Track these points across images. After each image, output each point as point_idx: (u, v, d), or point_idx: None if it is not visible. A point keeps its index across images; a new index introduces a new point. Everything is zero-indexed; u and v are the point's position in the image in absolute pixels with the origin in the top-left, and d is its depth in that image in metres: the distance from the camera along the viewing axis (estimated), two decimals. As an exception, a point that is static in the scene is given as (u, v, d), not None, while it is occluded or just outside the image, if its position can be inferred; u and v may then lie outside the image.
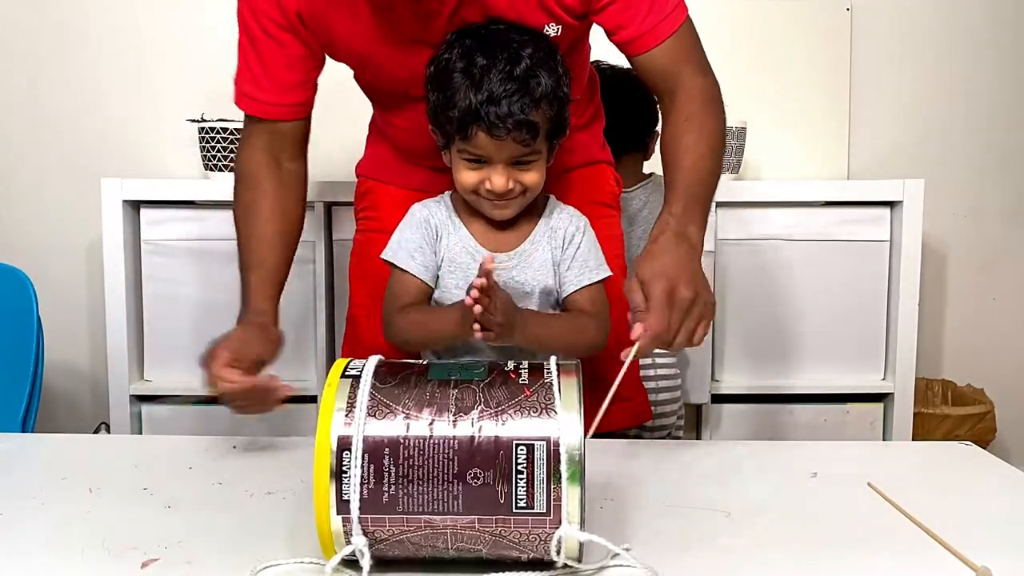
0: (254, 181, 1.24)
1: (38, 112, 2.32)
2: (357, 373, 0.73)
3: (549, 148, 1.16)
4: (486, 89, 1.08)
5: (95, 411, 2.33)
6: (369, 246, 1.34)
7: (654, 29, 1.16)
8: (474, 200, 1.17)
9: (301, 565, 0.73)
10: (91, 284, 2.32)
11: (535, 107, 1.09)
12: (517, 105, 1.07)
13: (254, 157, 1.25)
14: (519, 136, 1.09)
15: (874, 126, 2.38)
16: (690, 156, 1.14)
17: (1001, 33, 2.39)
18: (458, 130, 1.11)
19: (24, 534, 0.82)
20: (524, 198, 1.16)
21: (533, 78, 1.09)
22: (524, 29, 1.14)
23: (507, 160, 1.12)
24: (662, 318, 0.98)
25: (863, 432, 2.10)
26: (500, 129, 1.08)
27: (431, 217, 1.22)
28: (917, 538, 0.81)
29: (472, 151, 1.12)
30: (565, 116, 1.15)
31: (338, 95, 1.31)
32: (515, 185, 1.13)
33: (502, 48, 1.11)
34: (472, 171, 1.13)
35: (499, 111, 1.07)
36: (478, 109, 1.07)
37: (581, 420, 0.69)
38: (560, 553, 0.69)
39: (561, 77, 1.14)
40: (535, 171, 1.14)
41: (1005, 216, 2.44)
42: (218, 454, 1.08)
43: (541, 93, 1.09)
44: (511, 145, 1.10)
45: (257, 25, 1.18)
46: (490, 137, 1.09)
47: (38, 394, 1.56)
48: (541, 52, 1.12)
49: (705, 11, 2.28)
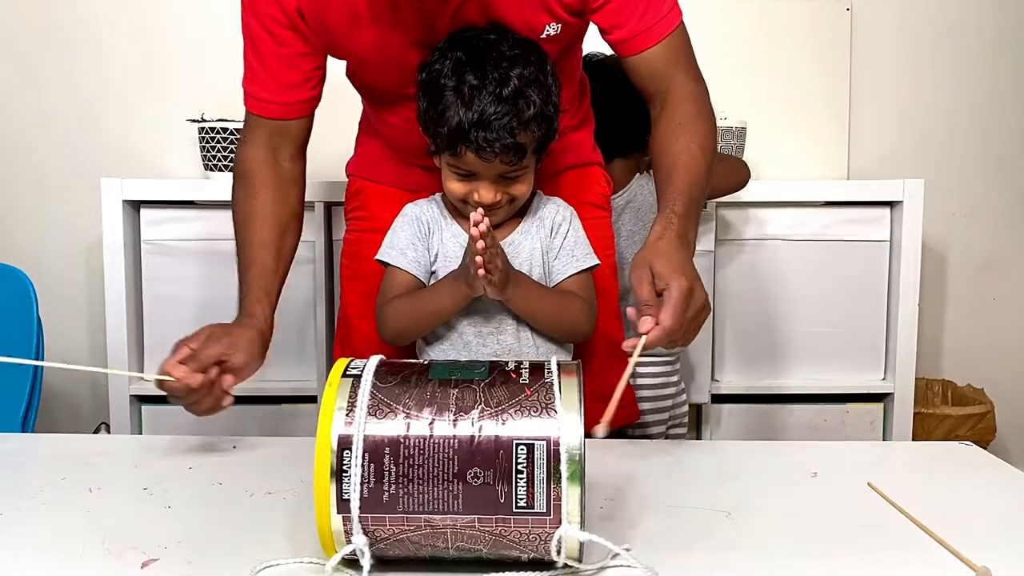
0: (252, 180, 1.24)
1: (38, 112, 2.32)
2: (358, 372, 0.73)
3: (538, 159, 1.19)
4: (475, 111, 1.09)
5: (95, 411, 2.33)
6: (360, 246, 1.34)
7: (649, 31, 1.17)
8: (462, 207, 1.19)
9: (301, 565, 0.73)
10: (91, 284, 2.32)
11: (524, 129, 1.11)
12: (507, 129, 1.09)
13: (253, 155, 1.25)
14: (506, 158, 1.11)
15: (874, 126, 2.38)
16: (685, 156, 1.14)
17: (1001, 33, 2.39)
18: (447, 147, 1.13)
19: (24, 534, 0.82)
20: (511, 207, 1.19)
21: (523, 99, 1.10)
22: (517, 40, 1.15)
23: (495, 176, 1.14)
24: (678, 315, 0.97)
25: (863, 432, 2.10)
26: (488, 152, 1.10)
27: (422, 215, 1.24)
28: (917, 538, 0.81)
29: (461, 167, 1.14)
30: (553, 129, 1.16)
31: (338, 95, 1.31)
32: (502, 196, 1.16)
33: (493, 66, 1.11)
34: (460, 183, 1.16)
35: (488, 135, 1.09)
36: (468, 131, 1.09)
37: (581, 420, 0.69)
38: (560, 553, 0.69)
39: (551, 90, 1.15)
40: (523, 183, 1.17)
41: (1005, 216, 2.44)
42: (218, 454, 1.08)
43: (530, 116, 1.11)
44: (499, 165, 1.12)
45: (258, 24, 1.18)
46: (478, 158, 1.11)
47: (38, 394, 1.55)
48: (531, 67, 1.13)
49: (706, 11, 2.30)
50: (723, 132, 2.00)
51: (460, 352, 1.21)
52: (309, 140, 1.29)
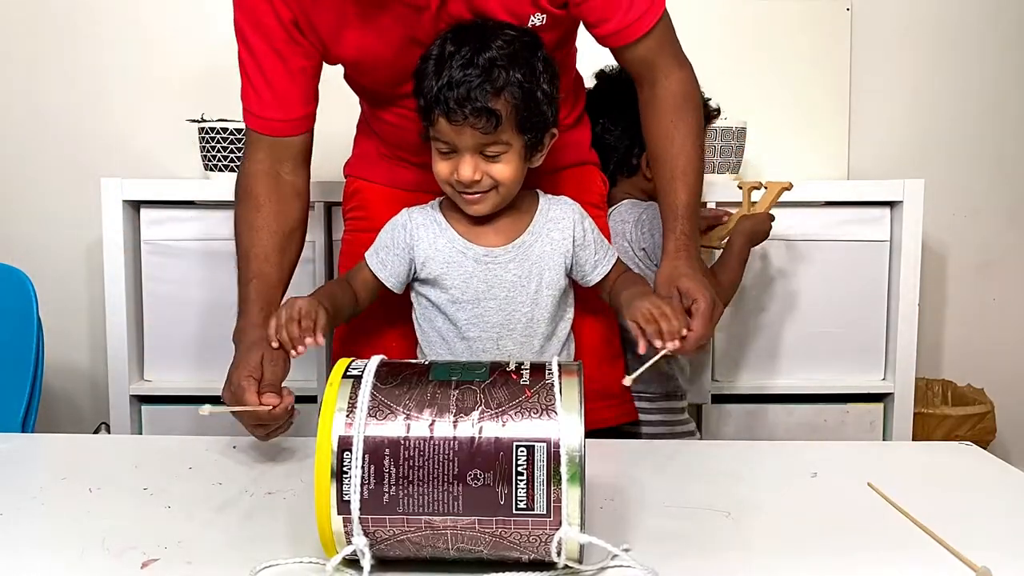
0: (255, 195, 1.23)
1: (38, 112, 2.32)
2: (358, 373, 0.73)
3: (527, 145, 1.15)
4: (446, 74, 1.10)
5: (95, 411, 2.33)
6: (358, 246, 1.34)
7: (636, 23, 1.18)
8: (451, 194, 1.18)
9: (301, 565, 0.73)
10: (91, 284, 2.32)
11: (495, 94, 1.09)
12: (477, 91, 1.08)
13: (255, 171, 1.23)
14: (477, 123, 1.09)
15: (874, 126, 2.38)
16: (683, 161, 1.21)
17: (1001, 33, 2.39)
18: (424, 116, 1.13)
19: (24, 534, 0.82)
20: (497, 194, 1.16)
21: (498, 67, 1.10)
22: (509, 25, 1.15)
23: (472, 149, 1.12)
24: (707, 325, 1.10)
25: (863, 432, 2.10)
26: (457, 115, 1.09)
27: (409, 222, 1.23)
28: (917, 538, 0.81)
29: (440, 138, 1.13)
30: (539, 110, 1.14)
31: (338, 95, 1.31)
32: (482, 177, 1.13)
33: (475, 38, 1.12)
34: (444, 161, 1.15)
35: (456, 96, 1.08)
36: (438, 94, 1.09)
37: (582, 421, 0.69)
38: (560, 554, 0.69)
39: (538, 72, 1.13)
40: (504, 164, 1.14)
41: (1005, 216, 2.44)
42: (218, 454, 1.08)
43: (504, 82, 1.10)
44: (471, 132, 1.10)
45: (259, 39, 1.18)
46: (449, 123, 1.10)
47: (38, 394, 1.55)
48: (517, 46, 1.13)
49: (706, 11, 2.30)
50: (723, 132, 1.99)
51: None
52: (311, 153, 1.28)
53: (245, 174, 1.25)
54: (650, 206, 1.52)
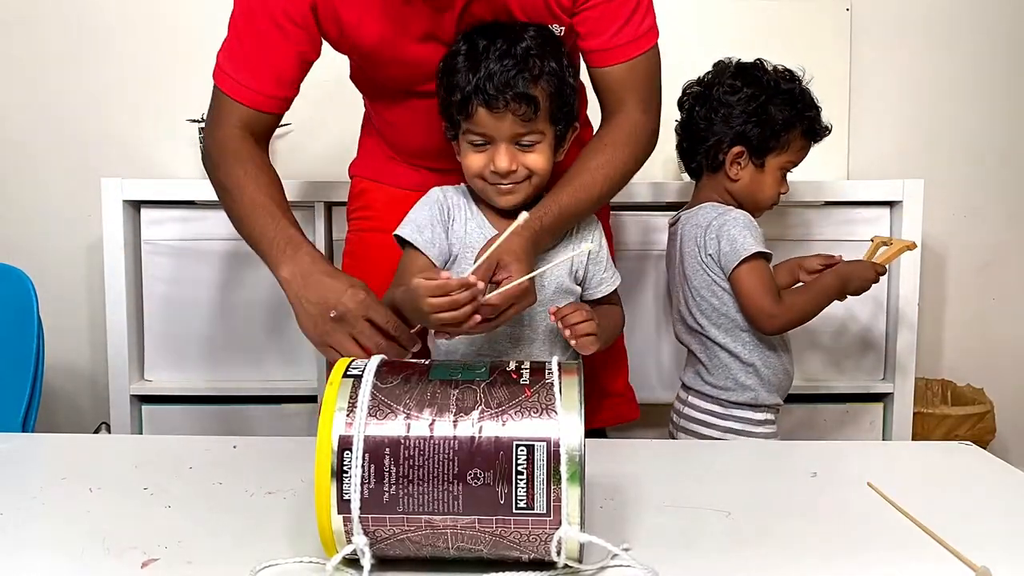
0: (240, 154, 1.18)
1: (38, 112, 2.32)
2: (359, 372, 0.73)
3: (556, 136, 1.17)
4: (484, 67, 1.11)
5: (95, 411, 2.33)
6: (363, 245, 1.34)
7: (617, 49, 1.18)
8: (482, 188, 1.18)
9: (301, 564, 0.73)
10: (91, 284, 2.32)
11: (533, 82, 1.11)
12: (515, 79, 1.10)
13: (231, 135, 1.19)
14: (518, 109, 1.10)
15: (874, 126, 2.38)
16: (587, 177, 1.18)
17: (1001, 33, 2.39)
18: (459, 110, 1.13)
19: (24, 534, 0.82)
20: (530, 184, 1.17)
21: (533, 56, 1.12)
22: (531, 24, 1.17)
23: (509, 138, 1.13)
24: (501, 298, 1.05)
25: (863, 432, 2.10)
26: (498, 101, 1.10)
27: (446, 200, 1.22)
28: (917, 538, 0.81)
29: (475, 130, 1.13)
30: (570, 101, 1.16)
31: (338, 95, 1.31)
32: (519, 167, 1.14)
33: (506, 32, 1.13)
34: (478, 154, 1.15)
35: (496, 83, 1.10)
36: (477, 84, 1.10)
37: (582, 421, 0.69)
38: (560, 554, 0.69)
39: (565, 64, 1.15)
40: (539, 154, 1.15)
41: (1005, 216, 2.44)
42: (218, 454, 1.08)
43: (540, 71, 1.12)
44: (511, 120, 1.11)
45: (266, 12, 1.15)
46: (489, 111, 1.11)
47: (38, 394, 1.55)
48: (544, 38, 1.15)
49: (705, 11, 2.30)
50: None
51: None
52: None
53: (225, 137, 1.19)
54: (728, 211, 1.46)
